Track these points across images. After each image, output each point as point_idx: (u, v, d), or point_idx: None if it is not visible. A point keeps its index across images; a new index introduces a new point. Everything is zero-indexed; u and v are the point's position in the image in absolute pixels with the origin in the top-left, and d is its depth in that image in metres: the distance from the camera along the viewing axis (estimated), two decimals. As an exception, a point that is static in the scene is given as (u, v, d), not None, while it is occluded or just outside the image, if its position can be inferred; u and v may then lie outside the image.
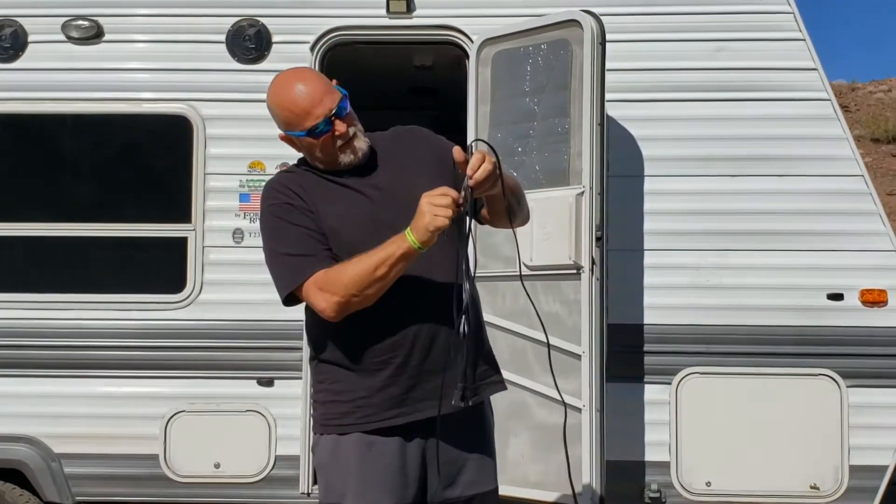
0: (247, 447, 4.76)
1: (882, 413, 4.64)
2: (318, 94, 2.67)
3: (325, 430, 2.78)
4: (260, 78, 4.89)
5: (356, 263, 2.58)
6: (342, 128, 2.69)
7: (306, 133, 2.68)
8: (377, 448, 2.70)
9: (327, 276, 2.62)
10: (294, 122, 2.69)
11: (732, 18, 4.80)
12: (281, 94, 2.71)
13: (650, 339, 4.71)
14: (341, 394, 2.73)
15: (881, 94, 18.13)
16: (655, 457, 4.69)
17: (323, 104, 2.67)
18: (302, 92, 2.67)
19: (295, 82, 2.70)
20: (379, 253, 2.56)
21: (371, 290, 2.59)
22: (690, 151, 4.79)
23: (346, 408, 2.72)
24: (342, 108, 2.70)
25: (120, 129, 4.99)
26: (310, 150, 2.74)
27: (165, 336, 4.80)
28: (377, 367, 2.69)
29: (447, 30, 4.91)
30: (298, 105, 2.67)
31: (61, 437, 4.77)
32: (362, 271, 2.57)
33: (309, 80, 2.71)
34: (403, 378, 2.69)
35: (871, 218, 4.69)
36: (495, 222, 2.86)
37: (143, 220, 4.90)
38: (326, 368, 2.78)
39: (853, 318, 4.67)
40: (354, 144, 2.73)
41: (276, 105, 2.73)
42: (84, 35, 4.93)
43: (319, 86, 2.70)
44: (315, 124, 2.66)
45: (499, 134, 4.69)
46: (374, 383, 2.69)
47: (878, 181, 14.20)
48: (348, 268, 2.59)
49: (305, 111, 2.66)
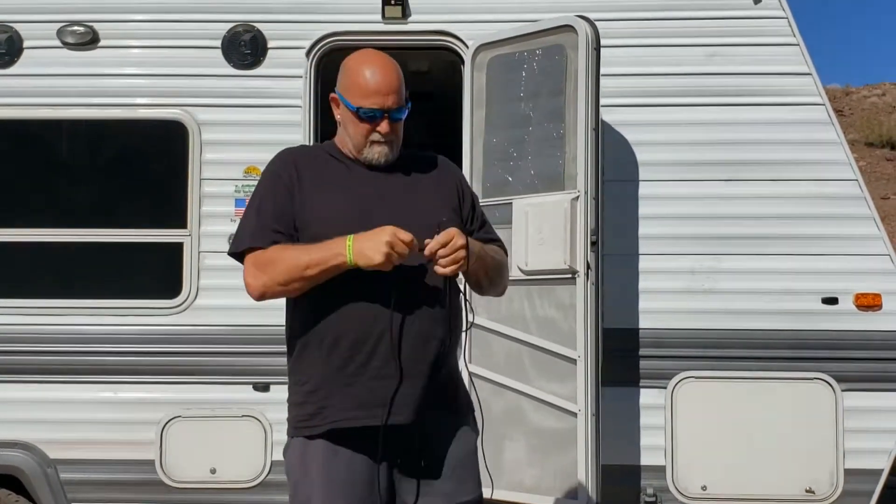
0: (243, 452, 4.75)
1: (877, 417, 4.65)
2: (389, 89, 2.74)
3: (294, 432, 2.79)
4: (255, 83, 4.91)
5: (293, 254, 2.65)
6: (385, 128, 2.76)
7: (356, 108, 2.74)
8: (342, 456, 2.70)
9: (266, 255, 2.70)
10: (354, 92, 2.76)
11: (726, 23, 4.82)
12: (363, 65, 2.78)
13: (645, 343, 4.72)
14: (309, 395, 2.74)
15: (875, 99, 18.20)
16: (651, 461, 4.70)
17: (388, 98, 2.74)
18: (379, 76, 2.75)
19: (381, 66, 2.78)
20: (315, 252, 2.63)
21: (296, 285, 2.68)
22: (685, 156, 4.80)
23: (313, 408, 2.73)
24: (398, 115, 2.77)
25: (116, 134, 4.99)
26: (345, 122, 2.81)
27: (161, 341, 4.80)
28: (341, 364, 2.70)
29: (442, 35, 4.92)
30: (369, 83, 2.74)
31: (57, 443, 4.76)
32: (294, 265, 2.64)
33: (390, 73, 2.77)
34: (365, 378, 2.69)
35: (865, 222, 4.70)
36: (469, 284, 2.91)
37: (139, 225, 4.90)
38: (297, 367, 2.80)
39: (848, 322, 4.68)
40: (385, 148, 2.78)
41: (352, 69, 2.80)
42: (79, 40, 4.92)
43: (395, 83, 2.76)
44: (369, 108, 2.73)
45: (494, 139, 4.71)
46: (337, 380, 2.70)
47: (873, 185, 14.24)
48: (285, 256, 2.66)
49: (370, 91, 2.73)
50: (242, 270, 2.77)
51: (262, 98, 4.89)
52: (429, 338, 2.71)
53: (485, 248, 2.84)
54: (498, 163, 4.69)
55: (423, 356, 2.70)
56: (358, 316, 2.68)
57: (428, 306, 2.71)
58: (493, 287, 2.96)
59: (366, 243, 2.59)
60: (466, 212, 2.90)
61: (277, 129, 4.77)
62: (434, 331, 2.72)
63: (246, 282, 2.75)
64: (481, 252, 2.79)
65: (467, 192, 2.96)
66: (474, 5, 4.92)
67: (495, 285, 2.96)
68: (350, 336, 2.69)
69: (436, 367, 2.73)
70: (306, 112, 4.84)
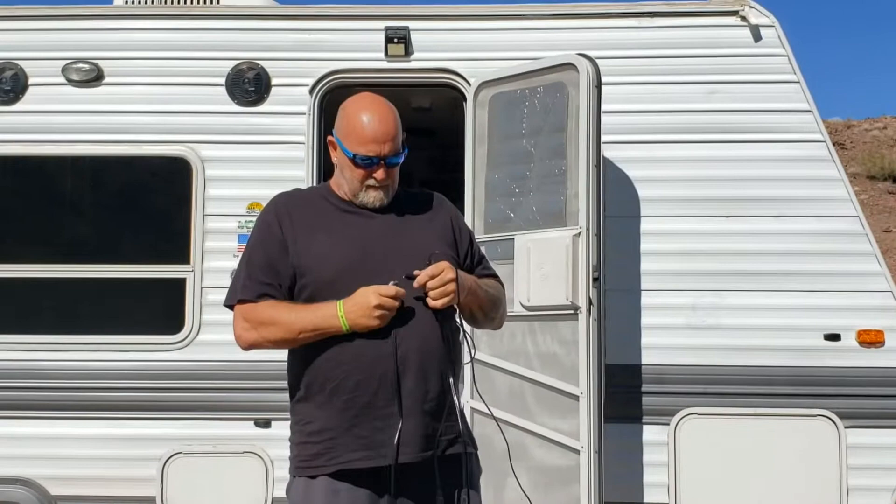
0: (244, 489, 4.73)
1: (880, 454, 4.63)
2: (386, 136, 2.76)
3: (297, 472, 2.79)
4: (259, 120, 4.94)
5: (287, 319, 2.69)
6: (381, 175, 2.78)
7: (352, 155, 2.76)
8: (343, 495, 2.69)
9: (257, 313, 2.73)
10: (351, 139, 2.78)
11: (726, 61, 4.85)
12: (361, 111, 2.80)
13: (648, 379, 4.71)
14: (312, 434, 2.75)
15: (877, 132, 18.25)
16: (654, 498, 4.67)
17: (384, 146, 2.76)
18: (376, 123, 2.77)
19: (378, 112, 2.79)
20: (309, 318, 2.67)
21: (285, 345, 2.76)
22: (686, 192, 4.81)
23: (317, 448, 2.73)
24: (394, 161, 2.79)
25: (120, 170, 5.03)
26: (342, 166, 2.84)
27: (163, 377, 4.80)
28: (344, 406, 2.70)
29: (444, 73, 4.96)
30: (366, 131, 2.76)
31: (58, 479, 4.75)
32: (288, 330, 2.70)
33: (387, 120, 2.79)
34: (369, 419, 2.69)
35: (866, 258, 4.71)
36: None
37: (142, 260, 4.92)
38: (300, 409, 2.80)
39: (850, 359, 4.67)
40: (380, 193, 2.80)
41: (350, 115, 2.82)
42: (84, 78, 4.97)
43: (392, 131, 2.78)
44: (365, 155, 2.75)
45: (496, 175, 4.73)
46: (342, 423, 2.70)
47: (875, 218, 14.25)
48: (279, 320, 2.70)
49: (367, 139, 2.75)
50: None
51: (266, 135, 4.93)
52: (429, 374, 2.71)
53: (479, 282, 2.85)
54: (500, 199, 4.71)
55: (424, 393, 2.71)
56: (358, 357, 2.69)
57: (426, 343, 2.71)
58: (489, 321, 2.98)
59: (357, 311, 2.64)
60: (464, 248, 2.92)
61: (281, 166, 4.80)
62: (434, 367, 2.72)
63: (236, 333, 2.79)
64: (473, 286, 2.81)
65: (463, 228, 2.98)
66: (476, 43, 4.96)
67: (490, 319, 2.97)
68: (352, 378, 2.69)
69: (439, 402, 2.73)
70: (309, 149, 4.87)
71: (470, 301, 2.80)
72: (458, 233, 2.92)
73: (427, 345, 2.71)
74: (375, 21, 4.97)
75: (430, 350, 2.71)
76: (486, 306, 2.90)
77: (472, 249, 2.95)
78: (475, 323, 2.95)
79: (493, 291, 2.93)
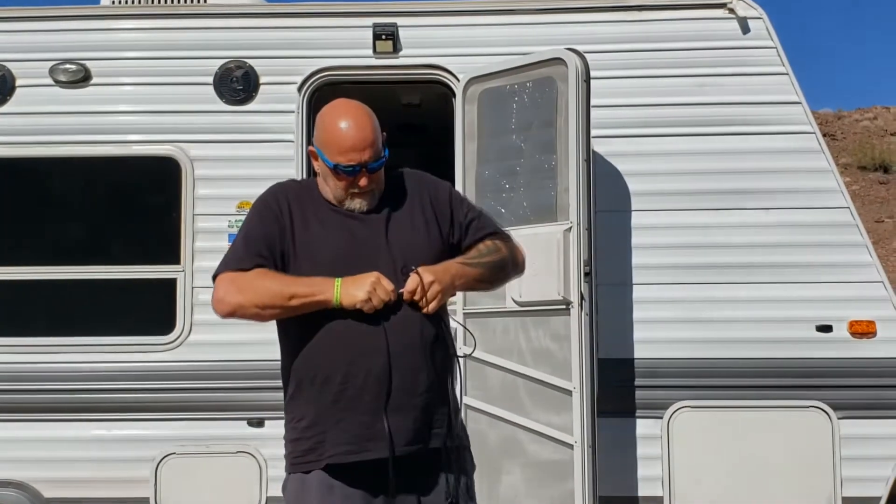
0: (238, 489, 4.73)
1: (874, 444, 4.64)
2: (365, 143, 2.72)
3: (292, 468, 2.79)
4: (248, 119, 4.93)
5: (279, 282, 2.66)
6: (364, 182, 2.75)
7: (333, 165, 2.74)
8: (338, 492, 2.69)
9: (247, 277, 2.69)
10: (331, 148, 2.75)
11: (715, 54, 4.85)
12: (337, 119, 2.76)
13: (640, 373, 4.71)
14: (304, 430, 2.74)
15: (867, 122, 18.28)
16: (648, 491, 4.68)
17: (364, 153, 2.72)
18: (353, 131, 2.73)
19: (355, 119, 2.75)
20: (302, 286, 2.65)
21: (273, 311, 2.69)
22: (677, 186, 4.82)
23: (308, 444, 2.73)
24: (375, 166, 2.76)
25: (109, 171, 5.01)
26: (325, 176, 2.81)
27: (155, 378, 4.79)
28: (334, 399, 2.70)
29: (433, 69, 4.95)
30: (345, 140, 2.72)
31: (51, 482, 4.73)
32: (279, 293, 2.65)
33: (365, 127, 2.75)
34: (356, 413, 2.68)
35: (857, 249, 4.72)
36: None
37: (132, 261, 4.90)
38: (293, 406, 2.80)
39: (842, 350, 4.68)
40: (365, 199, 2.79)
41: (327, 124, 2.78)
42: (72, 79, 4.95)
43: (370, 136, 2.74)
44: (346, 164, 2.72)
45: (486, 171, 4.72)
46: (331, 417, 2.70)
47: (866, 209, 14.28)
48: (270, 283, 2.67)
49: (346, 148, 2.72)
50: (214, 286, 2.74)
51: (255, 133, 4.92)
52: (418, 369, 2.71)
53: (467, 259, 2.80)
54: (490, 195, 4.70)
55: (414, 387, 2.70)
56: (348, 351, 2.69)
57: (416, 337, 2.70)
58: (499, 281, 2.94)
59: (353, 283, 2.63)
60: (447, 222, 2.84)
61: (270, 164, 4.79)
62: (426, 362, 2.72)
63: (217, 297, 2.71)
64: (460, 270, 2.76)
65: (441, 199, 2.88)
66: (464, 39, 4.96)
67: (499, 281, 2.94)
68: (341, 371, 2.69)
69: (428, 397, 2.73)
70: (298, 147, 4.86)
71: (463, 285, 2.80)
72: (438, 207, 2.85)
73: (417, 341, 2.70)
74: (363, 18, 4.96)
75: (421, 345, 2.71)
76: (487, 277, 2.85)
77: (459, 215, 2.87)
78: (487, 290, 2.93)
79: (489, 258, 2.85)
